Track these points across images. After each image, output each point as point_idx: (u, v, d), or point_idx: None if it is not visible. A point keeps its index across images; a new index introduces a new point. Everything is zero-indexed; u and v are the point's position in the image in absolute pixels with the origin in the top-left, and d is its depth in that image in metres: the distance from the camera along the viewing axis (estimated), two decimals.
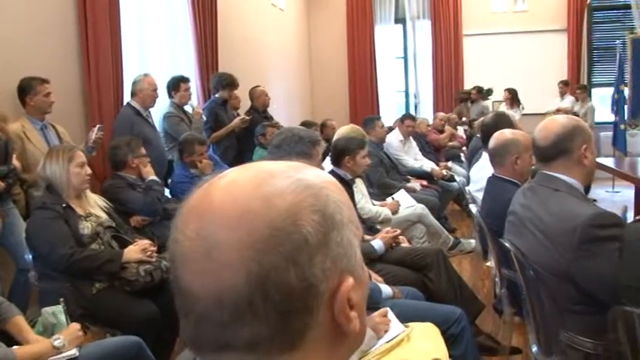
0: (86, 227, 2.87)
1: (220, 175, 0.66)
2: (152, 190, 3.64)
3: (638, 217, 1.68)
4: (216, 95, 5.60)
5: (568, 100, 9.65)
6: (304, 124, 5.92)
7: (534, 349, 2.24)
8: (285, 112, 8.41)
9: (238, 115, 5.86)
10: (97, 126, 3.84)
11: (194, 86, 5.61)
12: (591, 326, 1.86)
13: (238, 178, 0.65)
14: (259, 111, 6.14)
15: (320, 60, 10.86)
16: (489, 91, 9.91)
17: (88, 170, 2.98)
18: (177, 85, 4.99)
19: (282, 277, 0.59)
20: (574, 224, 1.82)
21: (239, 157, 5.58)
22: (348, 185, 3.54)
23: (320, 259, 0.61)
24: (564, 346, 1.99)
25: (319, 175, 0.68)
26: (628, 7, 9.95)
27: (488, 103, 9.92)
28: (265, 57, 8.16)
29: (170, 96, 5.01)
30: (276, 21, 8.80)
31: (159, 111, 4.94)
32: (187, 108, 5.15)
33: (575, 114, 7.90)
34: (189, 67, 5.75)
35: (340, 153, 3.60)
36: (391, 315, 2.08)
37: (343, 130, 4.44)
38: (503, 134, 2.96)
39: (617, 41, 9.26)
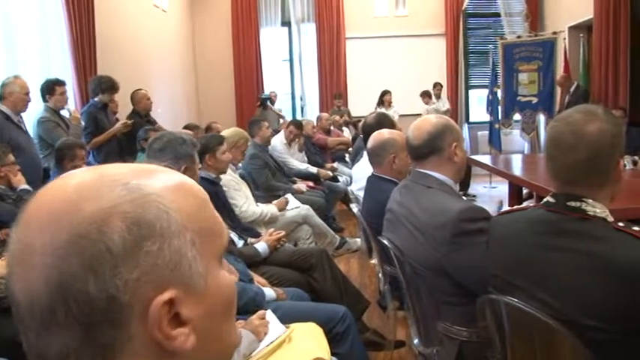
0: None
1: (62, 175, 0.62)
2: (23, 200, 3.42)
3: (502, 210, 1.76)
4: (96, 99, 5.35)
5: (442, 102, 10.12)
6: (187, 127, 5.80)
7: (415, 341, 2.31)
8: (169, 116, 8.21)
9: (118, 119, 5.64)
10: None
11: (70, 90, 5.34)
12: (465, 316, 1.93)
13: (70, 180, 0.61)
14: (141, 115, 5.94)
15: (205, 62, 10.69)
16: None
17: None
18: (51, 88, 4.72)
19: (81, 286, 0.56)
20: (445, 219, 1.90)
21: (121, 162, 5.35)
22: (214, 184, 3.50)
23: (125, 270, 0.57)
24: (442, 336, 2.06)
25: (164, 181, 0.63)
26: (499, 14, 10.59)
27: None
28: (148, 59, 7.92)
29: (44, 100, 4.72)
30: (158, 22, 8.56)
31: (32, 116, 4.65)
32: (64, 112, 4.89)
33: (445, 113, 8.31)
34: (64, 69, 5.46)
35: (201, 153, 3.51)
36: (272, 317, 2.08)
37: (226, 132, 4.38)
38: (381, 134, 3.04)
39: (490, 46, 9.81)
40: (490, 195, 8.66)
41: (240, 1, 10.51)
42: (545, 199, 1.56)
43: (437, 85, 10.12)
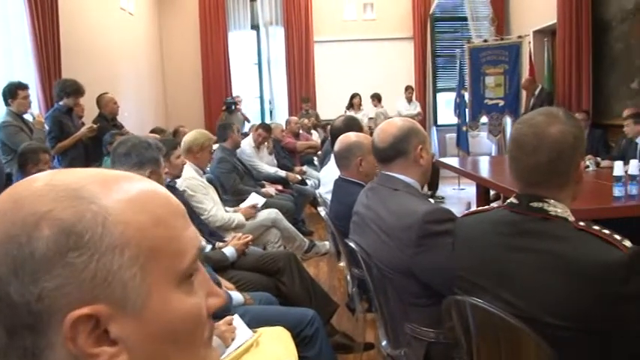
0: None
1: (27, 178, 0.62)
2: None
3: (467, 212, 1.77)
4: (60, 103, 5.26)
5: (414, 105, 10.20)
6: (154, 131, 5.75)
7: (383, 343, 2.32)
8: (136, 120, 8.13)
9: (84, 123, 5.56)
10: None
11: (34, 93, 5.24)
12: (433, 317, 1.94)
13: (25, 181, 0.60)
14: (107, 119, 5.87)
15: (173, 65, 10.62)
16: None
17: None
18: (14, 92, 4.64)
19: (5, 288, 0.55)
20: (411, 221, 1.91)
21: (87, 167, 5.27)
22: (169, 188, 3.47)
23: (43, 278, 0.55)
24: (410, 337, 2.07)
25: (121, 192, 0.60)
26: (465, 18, 10.71)
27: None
28: (114, 62, 7.83)
29: (7, 104, 4.64)
30: (125, 25, 8.48)
31: None
32: (27, 117, 4.80)
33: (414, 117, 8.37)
34: (28, 72, 5.36)
35: None
36: (239, 322, 2.06)
37: (189, 135, 4.34)
38: (348, 137, 3.05)
39: (457, 50, 9.93)
40: (458, 197, 8.75)
41: (208, 4, 10.47)
42: (508, 200, 1.58)
43: (408, 89, 10.19)
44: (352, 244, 2.21)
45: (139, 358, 0.58)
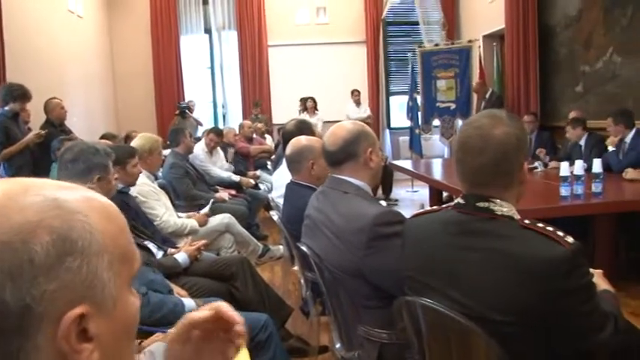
0: None
1: None
2: None
3: (415, 212, 1.79)
4: (6, 108, 5.10)
5: (363, 108, 10.28)
6: (105, 136, 5.63)
7: (337, 345, 2.32)
8: (86, 125, 7.97)
9: (30, 129, 5.41)
10: None
11: None
12: (385, 318, 1.95)
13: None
14: (55, 124, 5.71)
15: (124, 69, 10.44)
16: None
17: None
18: None
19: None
20: (362, 224, 1.92)
21: (34, 174, 5.10)
22: (122, 194, 3.43)
23: (44, 281, 0.60)
24: (362, 339, 2.07)
25: (87, 200, 0.68)
26: (417, 23, 10.87)
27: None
28: (62, 66, 7.66)
29: None
30: (74, 29, 8.31)
31: None
32: None
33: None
34: None
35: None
36: None
37: (136, 141, 4.28)
38: (299, 141, 3.05)
39: (409, 53, 10.05)
40: (412, 199, 8.84)
41: (160, 7, 10.34)
42: (455, 201, 1.61)
43: (355, 92, 10.25)
44: (304, 248, 2.21)
45: (106, 354, 0.65)
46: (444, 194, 6.80)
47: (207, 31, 10.77)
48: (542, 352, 1.48)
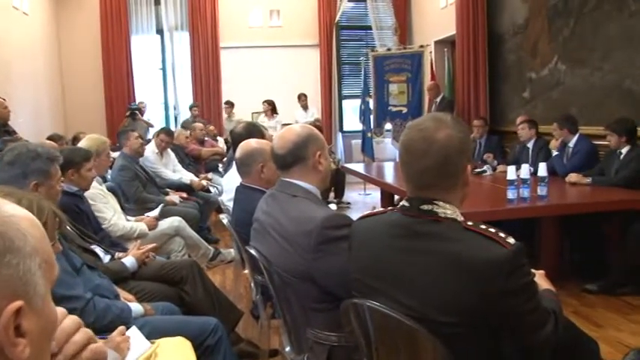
0: None
1: None
2: None
3: (362, 215, 1.81)
4: None
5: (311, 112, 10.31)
6: (51, 137, 5.50)
7: (287, 349, 2.32)
8: (33, 125, 7.77)
9: None
10: None
11: None
12: (334, 321, 1.96)
13: None
14: None
15: (73, 69, 10.19)
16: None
17: None
18: None
19: None
20: (310, 227, 1.92)
21: None
22: (75, 197, 3.37)
23: None
24: (312, 342, 2.07)
25: (17, 209, 0.73)
26: (370, 27, 10.97)
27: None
28: (6, 64, 7.43)
29: None
30: (19, 26, 8.06)
31: None
32: None
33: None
34: None
35: (63, 165, 3.33)
36: (136, 332, 2.00)
37: (81, 143, 4.19)
38: (249, 144, 3.04)
39: (362, 57, 10.14)
40: (364, 202, 8.90)
41: (110, 6, 10.13)
42: (401, 203, 1.62)
43: (301, 97, 10.27)
44: (253, 251, 2.21)
45: (33, 352, 0.68)
46: (396, 197, 6.88)
47: (159, 31, 10.61)
48: (487, 351, 1.51)
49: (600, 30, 6.03)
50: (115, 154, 5.62)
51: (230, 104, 10.07)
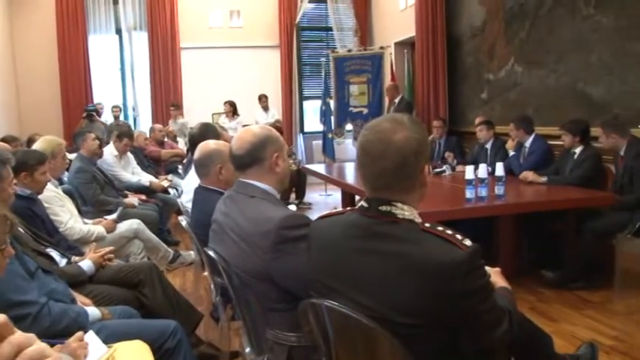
0: None
1: None
2: None
3: (320, 215, 1.81)
4: None
5: (272, 113, 10.30)
6: (5, 139, 5.37)
7: (247, 350, 2.32)
8: None
9: None
10: None
11: None
12: (293, 321, 1.96)
13: None
14: None
15: (27, 68, 9.94)
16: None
17: None
18: None
19: None
20: (268, 227, 1.92)
21: None
22: (29, 200, 3.31)
23: None
24: (272, 343, 2.07)
25: None
26: (330, 28, 11.01)
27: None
28: None
29: None
30: None
31: None
32: None
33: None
34: None
35: (17, 167, 3.25)
36: (93, 337, 1.97)
37: (36, 145, 4.11)
38: (207, 145, 3.02)
39: (323, 59, 10.16)
40: (326, 202, 8.92)
41: (66, 5, 9.92)
42: (359, 204, 1.63)
43: (262, 98, 10.26)
44: (211, 253, 2.19)
45: None
46: (357, 197, 6.91)
47: (118, 31, 10.45)
48: (445, 351, 1.53)
49: (555, 33, 6.18)
50: (71, 156, 5.51)
51: (176, 107, 9.93)
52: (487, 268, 1.83)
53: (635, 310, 4.01)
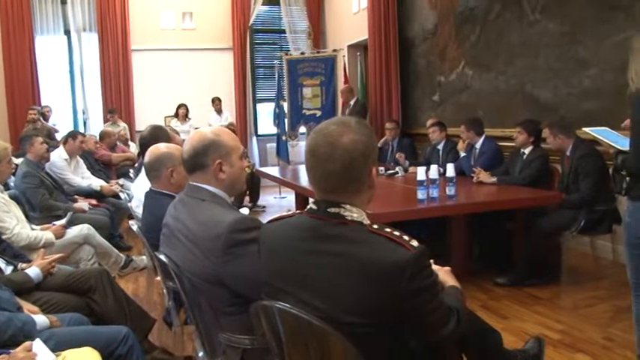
0: None
1: None
2: None
3: (270, 218, 1.82)
4: None
5: (225, 115, 10.28)
6: None
7: (200, 354, 2.31)
8: None
9: None
10: None
11: None
12: (246, 324, 1.95)
13: None
14: None
15: None
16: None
17: None
18: None
19: None
20: (219, 231, 1.91)
21: None
22: None
23: None
24: (225, 346, 2.07)
25: None
26: (284, 31, 11.03)
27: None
28: None
29: None
30: None
31: None
32: None
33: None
34: None
35: None
36: (40, 346, 1.93)
37: None
38: (158, 148, 2.99)
39: (276, 61, 10.17)
40: (280, 205, 8.92)
41: (10, 4, 9.64)
42: (308, 206, 1.64)
43: (215, 100, 10.23)
44: (162, 257, 2.17)
45: None
46: (311, 200, 6.94)
47: (67, 32, 10.23)
48: (397, 350, 1.56)
49: (503, 37, 6.33)
50: (17, 161, 5.38)
51: (112, 112, 9.78)
52: (437, 267, 1.87)
53: (581, 305, 4.14)
